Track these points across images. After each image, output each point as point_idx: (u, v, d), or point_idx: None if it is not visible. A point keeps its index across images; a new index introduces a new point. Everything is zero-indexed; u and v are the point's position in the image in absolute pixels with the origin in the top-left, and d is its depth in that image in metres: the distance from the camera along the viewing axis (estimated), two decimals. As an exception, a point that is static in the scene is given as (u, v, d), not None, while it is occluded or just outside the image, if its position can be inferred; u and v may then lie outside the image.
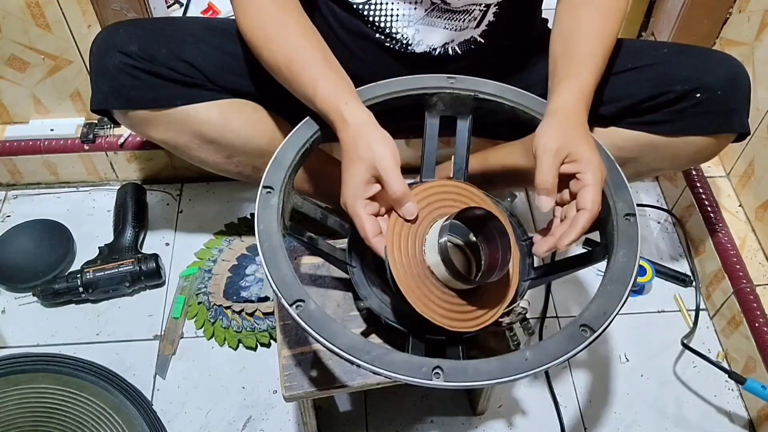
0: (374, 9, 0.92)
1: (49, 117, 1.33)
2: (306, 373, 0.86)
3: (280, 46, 0.83)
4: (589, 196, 0.73)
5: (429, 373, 0.66)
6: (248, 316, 1.17)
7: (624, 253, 0.75)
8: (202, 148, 1.00)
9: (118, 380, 1.05)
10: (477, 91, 0.89)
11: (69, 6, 1.14)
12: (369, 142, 0.76)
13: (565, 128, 0.77)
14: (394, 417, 1.09)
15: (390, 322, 0.81)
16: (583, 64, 0.83)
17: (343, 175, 0.77)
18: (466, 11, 0.92)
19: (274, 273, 0.72)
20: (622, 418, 1.10)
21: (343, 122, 0.78)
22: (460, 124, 0.91)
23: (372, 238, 0.74)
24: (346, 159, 0.77)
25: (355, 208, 0.75)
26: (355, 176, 0.75)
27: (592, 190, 0.73)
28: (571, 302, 1.24)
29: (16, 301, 1.22)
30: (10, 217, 1.35)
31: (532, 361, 0.67)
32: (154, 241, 1.31)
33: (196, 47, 0.94)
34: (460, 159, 0.89)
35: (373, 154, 0.75)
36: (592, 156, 0.75)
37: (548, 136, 0.76)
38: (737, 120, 0.93)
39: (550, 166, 0.74)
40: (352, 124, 0.78)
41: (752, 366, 1.10)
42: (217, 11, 1.53)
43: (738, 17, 1.23)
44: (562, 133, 0.76)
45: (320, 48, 0.85)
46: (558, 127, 0.77)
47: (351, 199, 0.75)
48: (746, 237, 1.21)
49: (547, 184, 0.74)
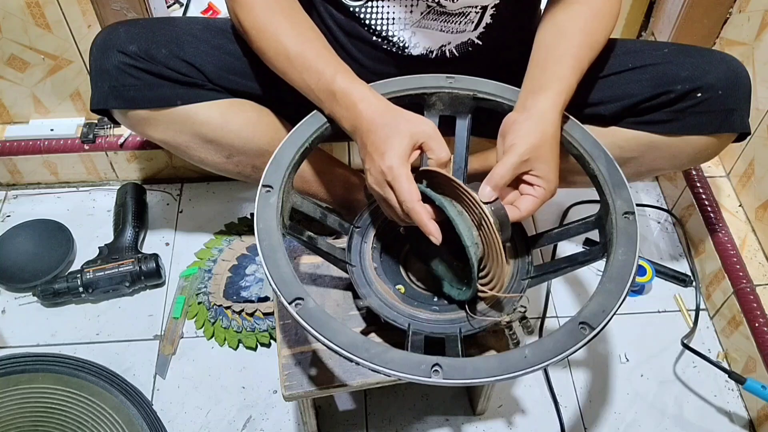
0: (370, 12, 0.92)
1: (49, 117, 1.33)
2: (306, 373, 0.86)
3: (290, 35, 0.84)
4: (528, 204, 0.79)
5: (428, 371, 0.66)
6: (248, 316, 1.17)
7: (623, 251, 0.76)
8: (202, 148, 1.00)
9: (118, 380, 1.05)
10: (476, 91, 0.89)
11: (69, 6, 1.14)
12: (405, 115, 0.79)
13: (540, 137, 0.79)
14: (394, 417, 1.09)
15: (389, 321, 0.81)
16: (571, 69, 0.85)
17: (381, 144, 0.77)
18: (462, 14, 0.92)
19: (273, 271, 0.72)
20: (622, 418, 1.10)
21: (367, 100, 0.80)
22: (459, 123, 0.91)
23: (417, 200, 0.75)
24: (382, 130, 0.78)
25: (404, 170, 0.75)
26: (401, 143, 0.76)
27: (534, 201, 0.79)
28: (570, 301, 1.23)
29: (16, 301, 1.22)
30: (10, 217, 1.35)
31: (531, 358, 0.67)
32: (154, 241, 1.31)
33: (196, 47, 0.94)
34: (459, 158, 0.90)
35: (413, 123, 0.78)
36: (552, 176, 0.79)
37: (522, 138, 0.78)
38: (738, 120, 0.93)
39: (510, 168, 0.77)
40: (378, 101, 0.80)
41: (752, 366, 1.10)
42: (217, 11, 1.53)
43: (738, 17, 1.23)
44: (536, 140, 0.78)
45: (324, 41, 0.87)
46: (533, 131, 0.79)
47: (398, 162, 0.75)
48: (746, 237, 1.21)
49: (499, 182, 0.77)
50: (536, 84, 0.85)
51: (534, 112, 0.81)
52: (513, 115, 0.83)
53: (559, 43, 0.87)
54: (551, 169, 0.79)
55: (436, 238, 0.75)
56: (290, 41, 0.84)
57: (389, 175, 0.75)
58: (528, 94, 0.84)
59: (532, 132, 0.79)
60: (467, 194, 0.75)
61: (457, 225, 0.75)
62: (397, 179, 0.75)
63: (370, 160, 0.79)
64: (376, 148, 0.77)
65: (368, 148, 0.79)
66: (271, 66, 0.88)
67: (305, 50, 0.84)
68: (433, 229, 0.75)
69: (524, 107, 0.82)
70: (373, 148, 0.78)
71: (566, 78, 0.84)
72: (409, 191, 0.75)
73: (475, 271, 0.76)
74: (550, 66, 0.85)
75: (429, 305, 0.84)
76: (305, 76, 0.84)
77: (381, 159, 0.76)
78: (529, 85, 0.86)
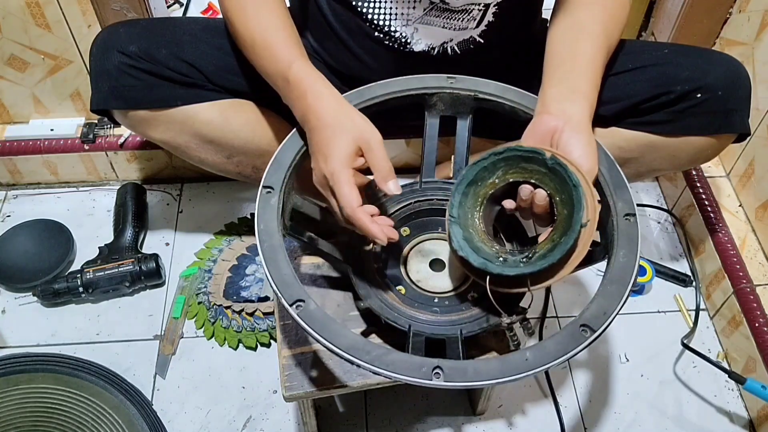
0: (373, 7, 0.92)
1: (49, 117, 1.33)
2: (306, 373, 0.86)
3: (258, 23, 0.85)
4: None
5: (429, 373, 0.66)
6: (248, 316, 1.17)
7: (624, 253, 0.75)
8: (202, 148, 1.00)
9: (118, 380, 1.05)
10: (477, 91, 0.89)
11: (69, 6, 1.14)
12: (353, 117, 0.77)
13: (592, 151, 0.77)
14: (394, 417, 1.09)
15: (390, 322, 0.81)
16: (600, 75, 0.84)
17: (324, 146, 0.76)
18: (465, 11, 0.92)
19: (274, 273, 0.72)
20: (622, 418, 1.10)
21: (318, 93, 0.78)
22: (460, 124, 0.91)
23: (357, 207, 0.73)
24: (326, 131, 0.77)
25: (344, 175, 0.73)
26: (344, 146, 0.75)
27: None
28: (571, 302, 1.24)
29: (16, 301, 1.22)
30: (10, 217, 1.35)
31: (532, 361, 0.67)
32: (154, 241, 1.31)
33: (196, 47, 0.94)
34: (460, 158, 0.90)
35: (360, 127, 0.76)
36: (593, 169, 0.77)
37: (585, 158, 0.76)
38: (738, 120, 0.93)
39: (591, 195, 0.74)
40: (329, 97, 0.78)
41: (752, 366, 1.10)
42: (217, 11, 1.53)
43: (738, 17, 1.23)
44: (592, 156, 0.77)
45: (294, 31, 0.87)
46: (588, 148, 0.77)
47: (339, 166, 0.74)
48: (746, 237, 1.21)
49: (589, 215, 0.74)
50: (575, 86, 0.82)
51: (581, 125, 0.78)
52: (552, 120, 0.79)
53: (586, 44, 0.86)
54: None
55: (382, 240, 0.73)
56: (259, 26, 0.85)
57: (331, 179, 0.75)
58: (566, 96, 0.81)
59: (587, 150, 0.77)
60: None
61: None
62: (338, 184, 0.74)
63: (314, 160, 0.78)
64: (320, 149, 0.77)
65: (313, 147, 0.78)
66: (244, 52, 0.89)
67: (270, 36, 0.84)
68: (377, 231, 0.73)
69: (566, 115, 0.79)
70: (317, 149, 0.77)
71: (598, 85, 0.83)
72: (349, 197, 0.73)
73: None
74: (584, 69, 0.83)
75: (429, 306, 0.84)
76: (265, 62, 0.84)
77: (324, 162, 0.76)
78: (567, 86, 0.82)
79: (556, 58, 0.86)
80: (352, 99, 0.86)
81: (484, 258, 0.77)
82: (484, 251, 0.78)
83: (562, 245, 0.73)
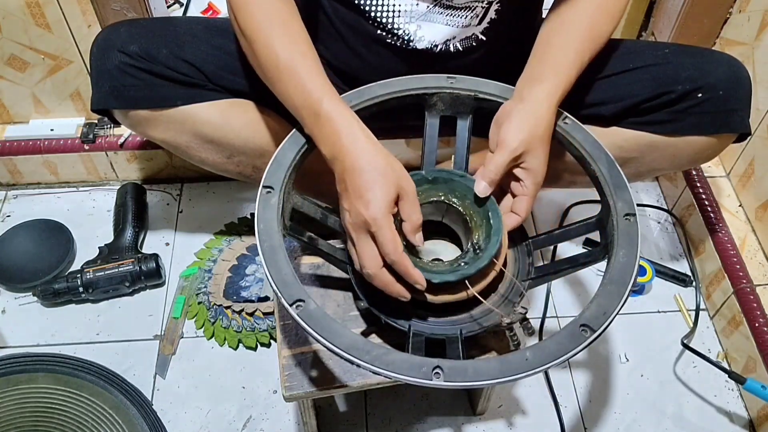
0: (376, 4, 0.92)
1: (49, 117, 1.33)
2: (306, 373, 0.86)
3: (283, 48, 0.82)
4: (525, 205, 0.82)
5: (429, 373, 0.66)
6: (248, 316, 1.17)
7: (624, 253, 0.75)
8: (202, 148, 0.99)
9: (118, 380, 1.05)
10: (477, 91, 0.89)
11: (69, 6, 1.14)
12: (392, 163, 0.77)
13: (533, 131, 0.81)
14: (394, 417, 1.09)
15: (390, 322, 0.81)
16: (572, 62, 0.85)
17: (364, 190, 0.75)
18: (468, 8, 0.92)
19: (274, 273, 0.72)
20: (622, 418, 1.10)
21: (354, 136, 0.77)
22: (460, 124, 0.91)
23: (402, 251, 0.74)
24: (365, 174, 0.75)
25: (387, 222, 0.74)
26: (386, 193, 0.74)
27: (530, 201, 0.82)
28: (571, 302, 1.24)
29: (16, 301, 1.22)
30: (10, 217, 1.35)
31: (532, 361, 0.67)
32: (154, 241, 1.31)
33: (196, 47, 0.94)
34: (460, 159, 0.90)
35: (399, 175, 0.77)
36: (541, 170, 0.81)
37: (514, 131, 0.81)
38: (738, 120, 0.93)
39: (503, 163, 0.80)
40: (365, 141, 0.77)
41: (752, 366, 1.10)
42: (217, 11, 1.53)
43: (738, 17, 1.23)
44: (529, 135, 0.80)
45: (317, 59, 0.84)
46: (526, 125, 0.81)
47: (382, 214, 0.74)
48: (746, 237, 1.21)
49: (494, 177, 0.80)
50: (534, 74, 0.86)
51: (529, 103, 0.82)
52: (509, 104, 0.85)
53: (561, 35, 0.88)
54: (541, 162, 0.81)
55: (422, 285, 0.76)
56: (283, 51, 0.82)
57: (373, 225, 0.74)
58: (525, 83, 0.86)
59: (525, 125, 0.80)
60: None
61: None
62: (381, 230, 0.74)
63: (348, 201, 0.77)
64: (359, 193, 0.75)
65: (348, 188, 0.76)
66: (259, 73, 0.86)
67: (296, 63, 0.81)
68: (418, 276, 0.75)
69: (520, 97, 0.84)
70: (354, 191, 0.76)
71: (565, 70, 0.84)
72: (394, 243, 0.74)
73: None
74: (550, 57, 0.86)
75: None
76: (291, 91, 0.81)
77: (365, 208, 0.74)
78: (528, 74, 0.87)
79: (534, 51, 0.90)
80: (352, 99, 0.86)
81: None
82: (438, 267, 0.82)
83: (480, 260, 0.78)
